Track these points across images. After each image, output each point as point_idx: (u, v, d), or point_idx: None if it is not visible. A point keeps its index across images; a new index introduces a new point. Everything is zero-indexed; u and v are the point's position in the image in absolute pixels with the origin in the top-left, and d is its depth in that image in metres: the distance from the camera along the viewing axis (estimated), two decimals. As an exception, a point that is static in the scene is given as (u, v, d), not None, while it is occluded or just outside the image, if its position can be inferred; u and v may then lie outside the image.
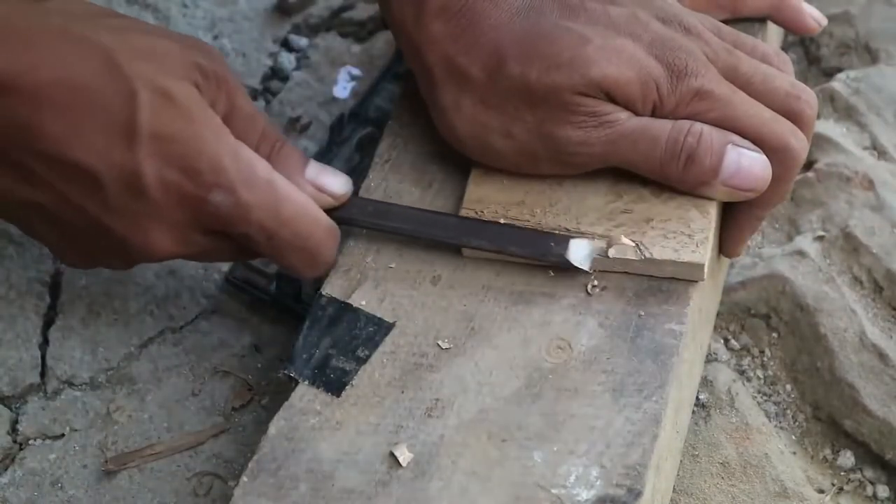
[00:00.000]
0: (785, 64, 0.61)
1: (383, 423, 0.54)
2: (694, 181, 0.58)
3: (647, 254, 0.56)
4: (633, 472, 0.51)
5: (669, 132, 0.57)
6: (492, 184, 0.60)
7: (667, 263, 0.56)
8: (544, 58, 0.57)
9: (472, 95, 0.59)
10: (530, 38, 0.57)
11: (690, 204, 0.58)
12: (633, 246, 0.57)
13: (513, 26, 0.58)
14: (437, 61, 0.59)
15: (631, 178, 0.59)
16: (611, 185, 0.60)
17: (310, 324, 0.59)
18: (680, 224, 0.57)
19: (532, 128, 0.58)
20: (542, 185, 0.60)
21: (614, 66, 0.56)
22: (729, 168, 0.57)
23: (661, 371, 0.54)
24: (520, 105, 0.58)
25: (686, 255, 0.56)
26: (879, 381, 0.63)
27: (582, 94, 0.57)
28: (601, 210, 0.59)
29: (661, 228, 0.57)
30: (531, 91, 0.57)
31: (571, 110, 0.57)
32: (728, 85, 0.58)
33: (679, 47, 0.58)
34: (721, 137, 0.57)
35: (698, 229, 0.57)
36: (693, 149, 0.57)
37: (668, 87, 0.57)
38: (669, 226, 0.57)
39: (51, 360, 0.68)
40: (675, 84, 0.57)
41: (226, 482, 0.63)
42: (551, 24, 0.58)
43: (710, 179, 0.57)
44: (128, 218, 0.55)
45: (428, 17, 0.59)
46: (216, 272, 0.72)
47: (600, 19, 0.58)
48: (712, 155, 0.57)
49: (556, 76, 0.57)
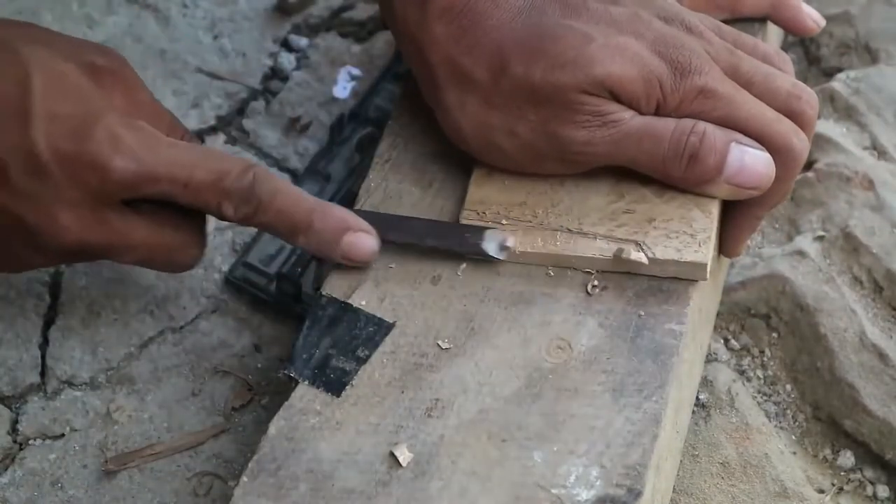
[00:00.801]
0: (786, 64, 0.61)
1: (383, 423, 0.54)
2: (697, 180, 0.58)
3: (650, 254, 0.56)
4: (633, 472, 0.51)
5: (673, 131, 0.57)
6: (493, 185, 0.60)
7: (669, 263, 0.56)
8: (548, 57, 0.57)
9: (475, 96, 0.59)
10: (533, 37, 0.57)
11: (692, 203, 0.58)
12: (642, 254, 0.57)
13: (515, 26, 0.58)
14: (439, 62, 0.59)
15: (632, 177, 0.59)
16: (613, 185, 0.60)
17: (310, 324, 0.59)
18: (682, 224, 0.57)
19: (536, 126, 0.58)
20: (543, 185, 0.60)
21: (618, 65, 0.56)
22: (732, 166, 0.57)
23: (661, 371, 0.54)
24: (523, 104, 0.58)
25: (689, 255, 0.56)
26: (879, 381, 0.63)
27: (586, 92, 0.57)
28: (603, 210, 0.59)
29: (663, 228, 0.57)
30: (535, 90, 0.57)
31: (575, 109, 0.57)
32: (731, 83, 0.58)
33: (682, 45, 0.58)
34: (724, 136, 0.57)
35: (700, 229, 0.57)
36: (696, 147, 0.57)
37: (672, 84, 0.57)
38: (672, 225, 0.57)
39: (51, 360, 0.68)
40: (679, 82, 0.57)
41: (226, 482, 0.63)
42: (553, 23, 0.58)
43: (713, 178, 0.57)
44: (34, 202, 0.56)
45: (431, 18, 0.59)
46: (216, 272, 0.72)
47: (602, 18, 0.58)
48: (716, 153, 0.57)
49: (560, 75, 0.57)
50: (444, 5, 0.59)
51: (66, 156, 0.55)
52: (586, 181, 0.60)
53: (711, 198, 0.58)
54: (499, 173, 0.61)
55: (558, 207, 0.59)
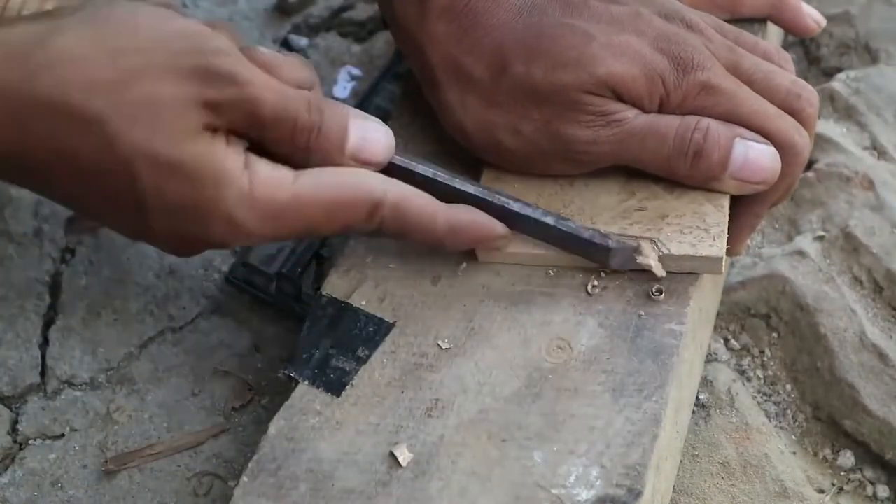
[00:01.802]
0: (786, 62, 0.61)
1: (383, 423, 0.54)
2: (703, 176, 0.58)
3: (665, 250, 0.56)
4: (633, 472, 0.51)
5: (677, 129, 0.57)
6: (503, 186, 0.60)
7: (685, 259, 0.56)
8: (549, 56, 0.57)
9: (477, 95, 0.59)
10: (533, 36, 0.57)
11: (703, 198, 0.58)
12: (656, 254, 0.57)
13: (515, 25, 0.58)
14: (440, 62, 0.59)
15: (642, 175, 0.59)
16: (623, 184, 0.59)
17: (310, 324, 0.59)
18: (695, 219, 0.57)
19: (540, 126, 0.58)
20: (553, 186, 0.60)
21: (620, 63, 0.56)
22: (737, 161, 0.57)
23: (661, 371, 0.54)
24: (527, 103, 0.58)
25: (704, 250, 0.56)
26: (879, 381, 0.63)
27: (589, 92, 0.57)
28: (615, 209, 0.59)
29: (676, 224, 0.57)
30: (537, 90, 0.57)
31: (579, 109, 0.57)
32: (733, 79, 0.58)
33: (684, 41, 0.58)
34: (728, 131, 0.57)
35: (714, 223, 0.57)
36: (700, 144, 0.57)
37: (675, 80, 0.57)
38: (685, 221, 0.57)
39: (51, 360, 0.68)
40: (682, 78, 0.57)
41: (226, 482, 0.63)
42: (554, 22, 0.58)
43: (718, 174, 0.57)
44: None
45: (431, 17, 0.59)
46: (216, 272, 0.72)
47: (603, 17, 0.58)
48: (720, 149, 0.57)
49: (563, 75, 0.56)
50: (444, 4, 0.59)
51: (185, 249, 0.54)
52: (596, 181, 0.60)
53: (721, 193, 0.58)
54: (508, 175, 0.61)
55: (570, 208, 0.59)
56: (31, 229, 0.74)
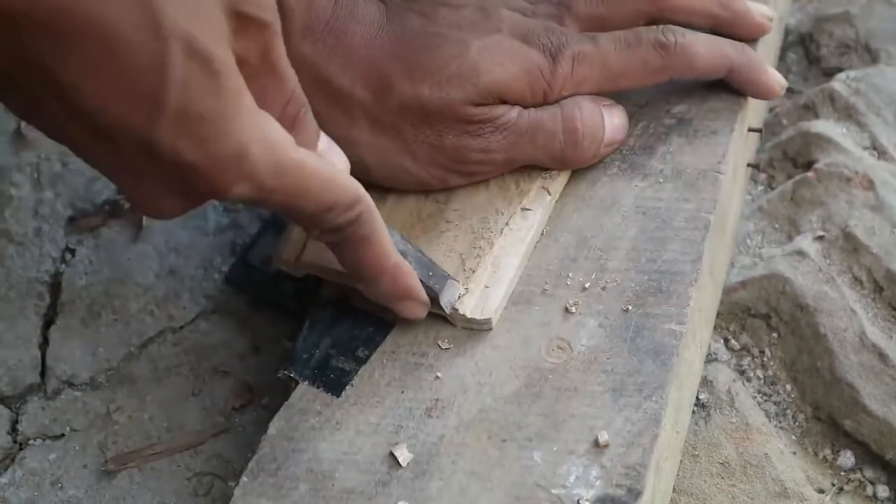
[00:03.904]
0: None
1: (383, 423, 0.54)
2: (591, 156, 0.61)
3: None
4: (633, 472, 0.51)
5: (562, 123, 0.59)
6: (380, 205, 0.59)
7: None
8: (431, 71, 0.57)
9: (363, 119, 0.58)
10: (405, 49, 0.57)
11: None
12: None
13: (381, 39, 0.58)
14: (313, 87, 0.56)
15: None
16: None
17: (310, 324, 0.59)
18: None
19: (434, 141, 0.58)
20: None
21: (500, 68, 0.57)
22: (608, 130, 0.61)
23: (661, 371, 0.54)
24: (416, 122, 0.58)
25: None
26: (879, 381, 0.63)
27: (476, 104, 0.57)
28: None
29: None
30: (425, 107, 0.57)
31: (468, 120, 0.58)
32: (588, 36, 0.60)
33: (539, 29, 0.59)
34: (595, 108, 0.60)
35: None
36: (583, 131, 0.60)
37: (551, 69, 0.59)
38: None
39: (51, 360, 0.68)
40: (555, 65, 0.59)
41: (226, 482, 0.63)
42: (422, 32, 0.58)
43: (600, 148, 0.61)
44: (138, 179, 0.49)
45: (294, 39, 0.57)
46: (216, 272, 0.72)
47: (459, 21, 0.59)
48: (599, 127, 0.60)
49: (451, 91, 0.57)
50: (304, 24, 0.57)
51: (185, 163, 0.48)
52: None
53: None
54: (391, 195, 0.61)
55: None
56: (31, 229, 0.74)
